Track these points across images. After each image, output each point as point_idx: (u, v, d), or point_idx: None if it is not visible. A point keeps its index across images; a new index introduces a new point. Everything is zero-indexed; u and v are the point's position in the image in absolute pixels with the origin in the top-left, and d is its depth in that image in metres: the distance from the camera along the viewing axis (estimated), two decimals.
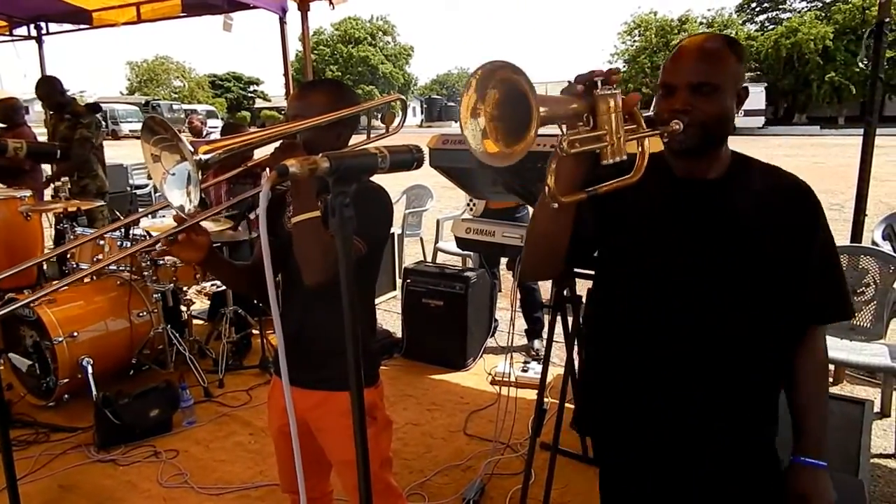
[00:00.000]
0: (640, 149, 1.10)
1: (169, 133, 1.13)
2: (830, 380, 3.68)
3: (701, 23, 39.60)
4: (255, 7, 4.58)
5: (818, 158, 17.94)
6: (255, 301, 3.90)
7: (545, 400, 2.82)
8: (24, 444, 3.05)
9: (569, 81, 1.07)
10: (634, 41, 40.95)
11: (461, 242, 2.53)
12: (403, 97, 1.82)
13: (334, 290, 1.51)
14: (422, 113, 56.70)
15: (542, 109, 0.91)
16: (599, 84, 1.02)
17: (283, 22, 4.54)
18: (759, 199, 1.22)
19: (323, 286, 1.37)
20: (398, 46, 51.59)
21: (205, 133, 5.68)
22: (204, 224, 3.87)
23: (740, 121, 27.02)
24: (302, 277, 1.40)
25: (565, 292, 2.37)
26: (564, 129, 1.06)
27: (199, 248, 1.45)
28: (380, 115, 1.62)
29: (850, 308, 1.29)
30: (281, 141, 1.36)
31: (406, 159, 0.89)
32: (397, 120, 1.67)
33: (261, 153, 1.46)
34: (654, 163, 1.15)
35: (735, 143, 1.25)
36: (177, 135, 1.11)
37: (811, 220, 1.24)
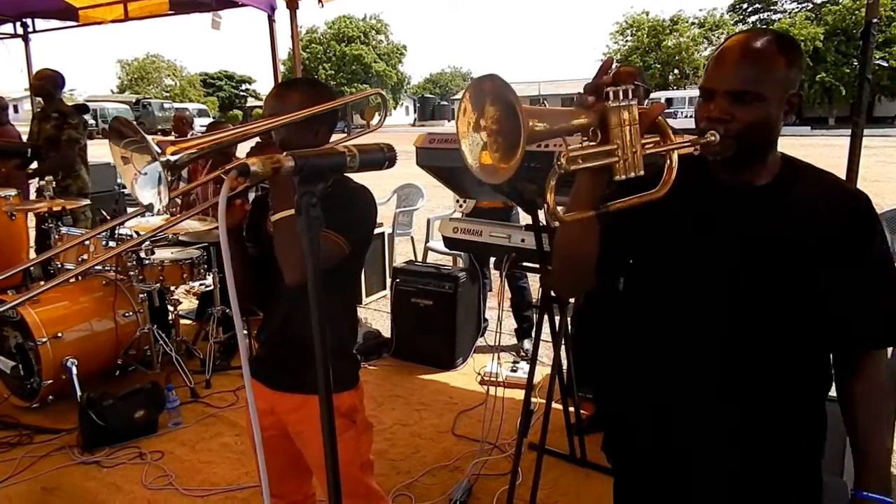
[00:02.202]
0: (668, 162, 1.02)
1: (137, 135, 1.11)
2: None
3: (693, 23, 39.79)
4: (243, 5, 4.55)
5: (808, 159, 18.00)
6: (249, 303, 3.87)
7: (533, 400, 2.83)
8: (7, 446, 3.02)
9: (578, 94, 1.01)
10: (627, 41, 41.12)
11: (448, 242, 2.52)
12: (382, 91, 1.79)
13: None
14: (415, 112, 56.68)
15: (538, 125, 0.86)
16: (611, 95, 0.94)
17: (271, 20, 4.51)
18: (809, 208, 1.11)
19: (303, 285, 1.36)
20: (391, 45, 51.48)
21: (190, 133, 5.62)
22: (192, 223, 3.80)
23: None
24: (283, 279, 1.39)
25: (552, 292, 2.37)
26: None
27: (236, 216, 1.46)
28: (359, 113, 1.60)
29: None
30: (257, 140, 1.34)
31: (377, 158, 0.87)
32: (378, 116, 1.65)
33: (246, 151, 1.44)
34: (694, 164, 1.07)
35: None
36: (144, 136, 1.09)
37: (865, 235, 1.11)
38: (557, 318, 2.48)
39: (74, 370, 3.24)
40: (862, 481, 1.17)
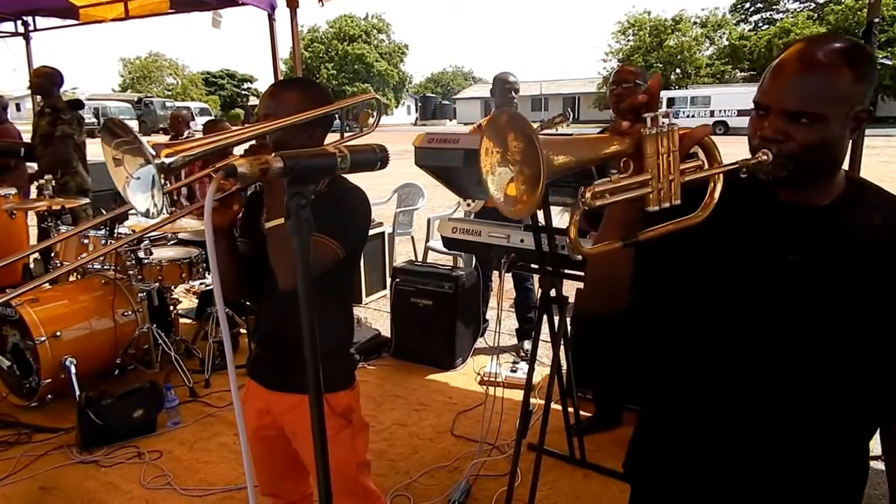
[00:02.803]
0: (711, 186, 0.94)
1: (130, 136, 1.09)
2: None
3: (695, 22, 39.71)
4: (243, 4, 4.54)
5: None
6: (241, 299, 3.87)
7: (533, 401, 2.82)
8: (5, 445, 3.02)
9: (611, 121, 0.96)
10: (629, 41, 41.04)
11: (447, 242, 2.51)
12: (378, 96, 1.79)
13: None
14: (416, 111, 56.68)
15: (560, 158, 0.81)
16: (649, 121, 0.87)
17: (272, 19, 4.50)
18: (874, 235, 1.01)
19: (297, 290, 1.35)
20: (393, 44, 51.46)
21: (186, 133, 5.62)
22: (188, 221, 3.79)
23: (734, 121, 27.19)
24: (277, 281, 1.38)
25: (552, 292, 2.36)
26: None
27: (228, 216, 1.44)
28: (353, 115, 1.59)
29: None
30: (251, 142, 1.33)
31: (369, 158, 0.86)
32: (371, 120, 1.64)
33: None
34: (749, 182, 0.99)
35: (730, 143, 1.19)
36: (137, 137, 1.07)
37: None
38: (557, 319, 2.46)
39: (73, 369, 3.23)
40: None
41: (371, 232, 5.08)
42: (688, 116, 28.68)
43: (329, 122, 1.59)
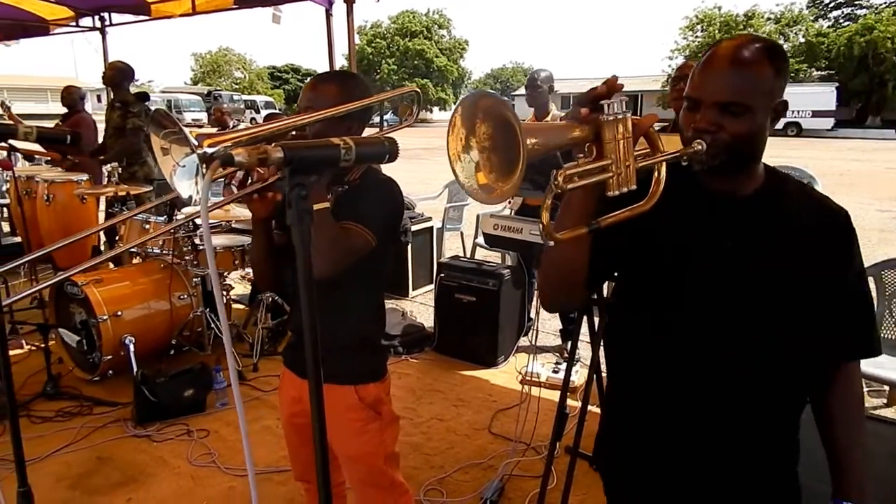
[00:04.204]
0: (655, 175, 1.01)
1: (176, 127, 1.15)
2: (884, 401, 3.46)
3: (769, 18, 37.92)
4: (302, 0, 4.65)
5: (892, 164, 16.93)
6: (276, 290, 3.97)
7: (572, 403, 2.77)
8: (68, 415, 3.21)
9: (571, 105, 1.00)
10: (697, 37, 39.54)
11: (488, 239, 2.50)
12: (418, 90, 1.78)
13: (339, 285, 1.51)
14: None
15: (532, 141, 0.84)
16: (606, 108, 0.93)
17: (329, 14, 4.58)
18: (793, 221, 1.13)
19: (330, 278, 1.38)
20: (453, 40, 51.52)
21: (232, 125, 5.82)
22: (245, 212, 3.90)
23: (807, 122, 25.83)
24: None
25: (594, 294, 2.31)
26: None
27: (268, 208, 1.44)
28: (392, 108, 1.60)
29: (877, 345, 1.20)
30: (292, 134, 1.35)
31: (376, 151, 0.86)
32: (413, 112, 1.65)
33: None
34: (681, 175, 1.07)
35: (801, 146, 1.18)
36: (182, 128, 1.12)
37: (847, 248, 1.14)
38: (597, 320, 2.41)
39: (132, 347, 3.41)
40: (841, 490, 1.18)
41: (419, 226, 5.13)
42: None
43: (367, 114, 1.60)
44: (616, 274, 1.28)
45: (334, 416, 1.63)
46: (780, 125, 1.15)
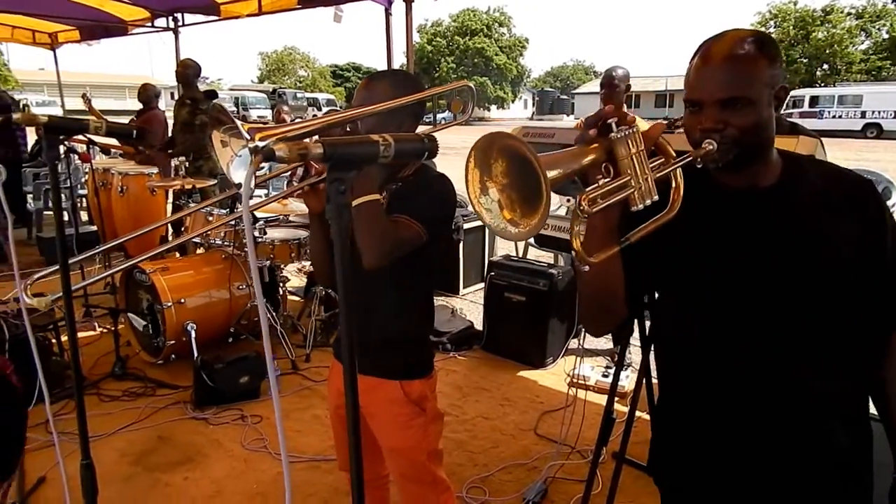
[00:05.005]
0: (673, 183, 1.01)
1: (232, 122, 1.21)
2: None
3: (849, 13, 35.82)
4: None
5: None
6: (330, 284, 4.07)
7: (622, 408, 2.71)
8: (133, 395, 3.40)
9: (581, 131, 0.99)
10: (770, 33, 37.84)
11: (538, 238, 2.48)
12: (471, 84, 1.78)
13: (392, 278, 1.53)
14: (533, 105, 56.08)
15: (552, 173, 0.85)
16: (614, 126, 0.94)
17: (388, 13, 4.65)
18: (819, 199, 1.11)
19: (380, 270, 1.40)
20: (513, 38, 51.20)
21: (288, 120, 5.98)
22: (302, 206, 4.01)
23: (889, 123, 24.26)
24: (361, 263, 1.43)
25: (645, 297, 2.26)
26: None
27: (321, 202, 1.46)
28: (447, 106, 1.61)
29: None
30: (345, 130, 1.39)
31: (416, 148, 0.87)
32: (466, 108, 1.65)
33: None
34: (698, 178, 1.06)
35: (882, 148, 1.14)
36: (235, 122, 1.18)
37: (878, 216, 1.12)
38: (649, 323, 2.35)
39: (193, 333, 3.57)
40: None
41: (472, 224, 5.13)
42: (834, 117, 25.95)
43: (420, 111, 1.62)
44: (656, 284, 1.27)
45: (379, 410, 1.67)
46: (858, 126, 1.11)
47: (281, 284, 4.22)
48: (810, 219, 1.10)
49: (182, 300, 3.60)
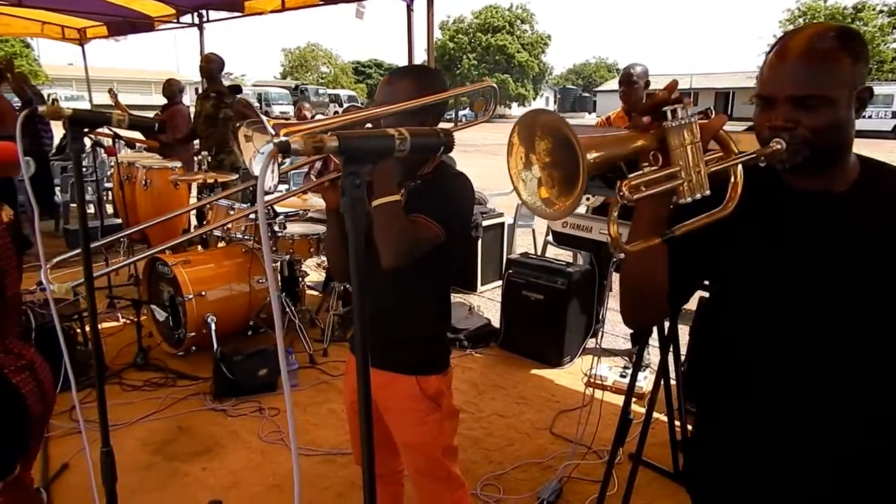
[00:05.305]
0: (732, 179, 0.97)
1: (257, 117, 1.23)
2: None
3: (881, 10, 34.95)
4: None
5: None
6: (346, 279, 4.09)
7: (640, 409, 2.69)
8: (154, 385, 3.46)
9: (633, 115, 0.96)
10: None
11: (557, 236, 2.46)
12: (494, 84, 1.77)
13: (410, 276, 1.53)
14: (555, 103, 55.74)
15: (593, 155, 0.83)
16: (670, 114, 0.90)
17: (410, 10, 4.64)
18: (893, 211, 1.03)
19: (398, 268, 1.41)
20: (535, 35, 50.90)
21: (309, 117, 6.01)
22: (312, 198, 4.03)
23: None
24: (378, 259, 1.43)
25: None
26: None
27: (338, 197, 1.49)
28: (469, 104, 1.61)
29: None
30: (367, 126, 1.39)
31: (431, 142, 0.87)
32: (488, 108, 1.65)
33: None
34: (766, 177, 1.01)
35: None
36: (261, 117, 1.20)
37: None
38: (668, 324, 2.33)
39: (213, 326, 3.62)
40: None
41: (490, 222, 5.12)
42: (864, 117, 25.19)
43: (441, 109, 1.61)
44: (706, 283, 1.21)
45: (395, 405, 1.67)
46: (889, 126, 1.06)
47: (300, 279, 4.25)
48: (884, 227, 1.03)
49: (203, 293, 3.65)
